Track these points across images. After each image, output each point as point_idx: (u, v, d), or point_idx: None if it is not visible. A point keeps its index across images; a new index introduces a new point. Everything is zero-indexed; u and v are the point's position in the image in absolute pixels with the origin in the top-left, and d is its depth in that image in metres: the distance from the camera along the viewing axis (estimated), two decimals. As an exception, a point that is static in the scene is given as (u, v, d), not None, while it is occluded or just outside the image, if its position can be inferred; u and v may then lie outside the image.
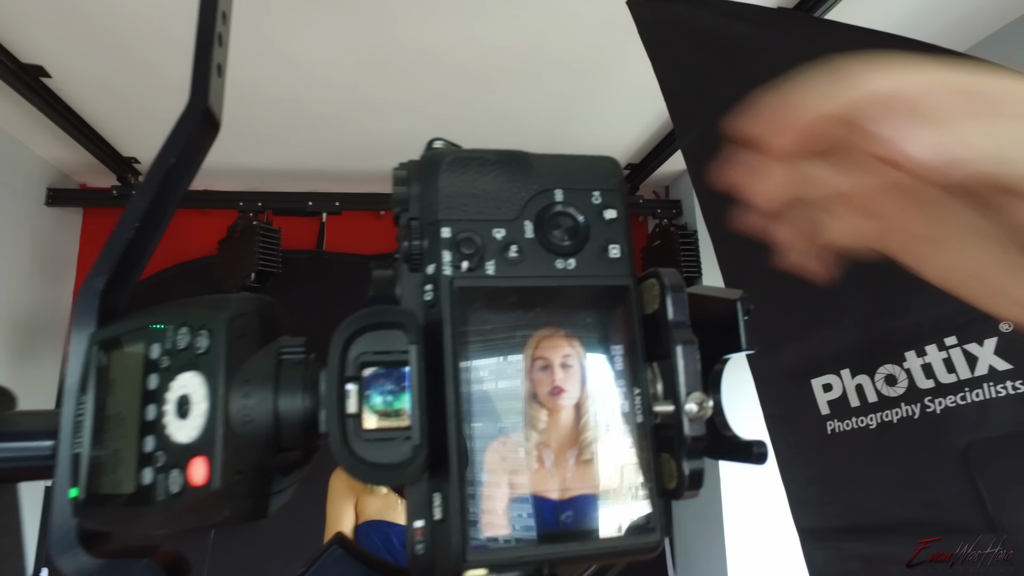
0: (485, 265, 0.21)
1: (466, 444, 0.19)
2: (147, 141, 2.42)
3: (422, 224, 0.21)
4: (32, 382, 2.49)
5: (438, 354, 0.20)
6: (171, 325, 0.22)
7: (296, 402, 0.21)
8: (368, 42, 1.80)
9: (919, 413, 0.80)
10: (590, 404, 0.21)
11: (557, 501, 0.20)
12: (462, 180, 0.22)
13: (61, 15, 1.64)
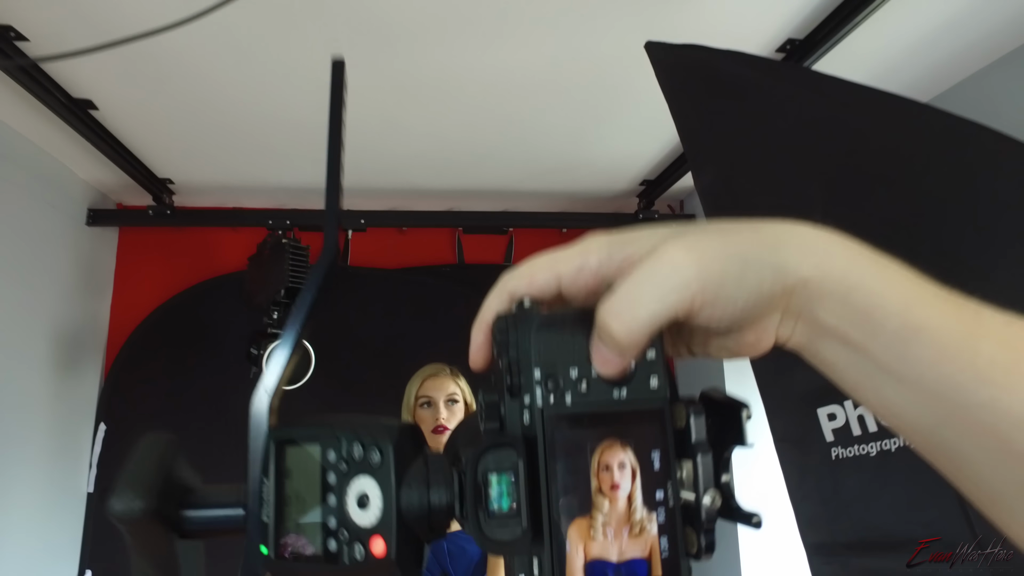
0: (565, 397, 0.29)
1: (557, 524, 0.28)
2: (181, 164, 2.53)
3: (520, 365, 0.30)
4: (74, 393, 2.61)
5: (535, 461, 0.29)
6: (345, 439, 0.31)
7: (442, 496, 0.29)
8: (395, 69, 1.89)
9: (915, 442, 0.88)
10: (638, 494, 0.29)
11: (616, 563, 0.28)
12: (548, 335, 0.30)
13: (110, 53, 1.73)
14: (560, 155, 2.52)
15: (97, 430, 2.69)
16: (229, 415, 2.73)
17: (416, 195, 2.85)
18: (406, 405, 2.03)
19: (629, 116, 2.19)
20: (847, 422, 0.98)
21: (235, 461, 1.58)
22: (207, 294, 2.88)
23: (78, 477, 2.63)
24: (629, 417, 0.30)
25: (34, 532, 2.35)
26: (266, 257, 2.62)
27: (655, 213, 2.95)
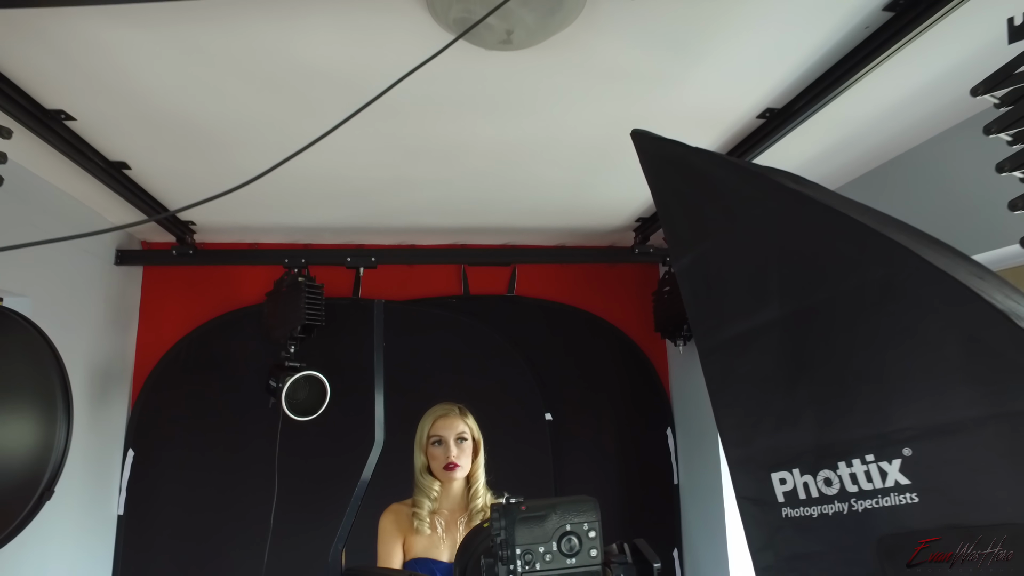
0: (535, 564, 0.46)
1: None
2: (204, 208, 2.69)
3: (508, 546, 0.46)
4: (104, 422, 2.79)
5: None
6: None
7: None
8: (405, 135, 2.05)
9: (847, 510, 1.05)
10: None
11: None
12: (527, 526, 0.47)
13: (143, 122, 1.91)
14: (559, 201, 2.68)
15: (126, 456, 2.87)
16: (248, 442, 2.91)
17: (424, 232, 3.02)
18: (419, 443, 2.20)
19: (623, 168, 2.34)
20: (795, 487, 1.14)
21: (253, 486, 1.88)
22: (227, 327, 3.06)
23: (109, 501, 2.81)
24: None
25: (70, 552, 2.52)
26: (283, 294, 2.80)
27: (650, 248, 3.12)
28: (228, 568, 2.83)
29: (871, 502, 1.02)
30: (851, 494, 1.05)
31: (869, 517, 1.02)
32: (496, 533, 0.46)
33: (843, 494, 1.06)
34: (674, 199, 1.44)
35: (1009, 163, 1.01)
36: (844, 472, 1.06)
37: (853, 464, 1.04)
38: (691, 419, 3.17)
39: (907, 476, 0.98)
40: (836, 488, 1.07)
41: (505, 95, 1.78)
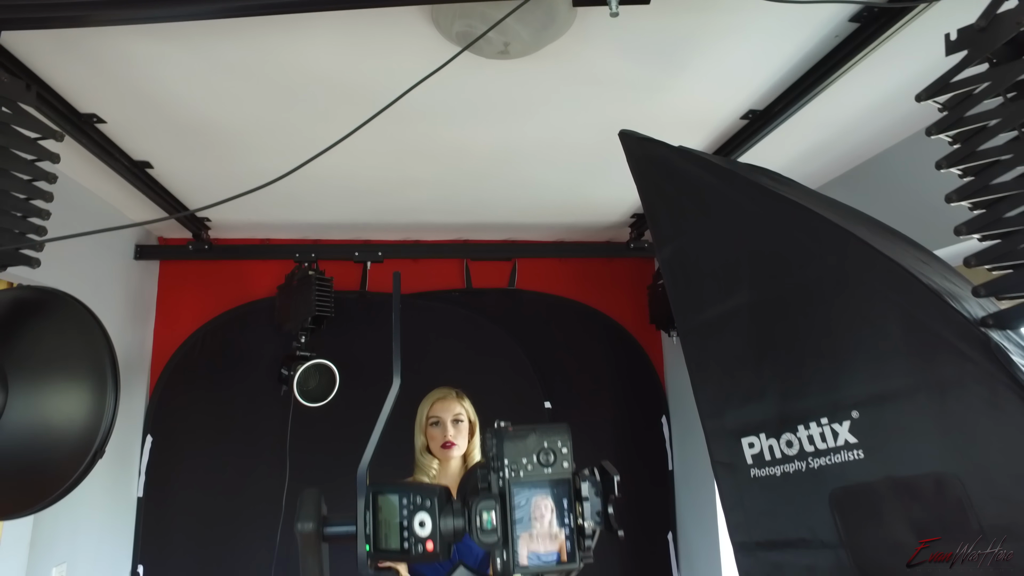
0: (519, 473, 0.60)
1: (514, 535, 0.58)
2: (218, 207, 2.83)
3: (498, 459, 0.60)
4: (124, 410, 2.92)
5: (504, 505, 0.58)
6: (412, 492, 0.61)
7: (460, 521, 0.60)
8: (411, 139, 2.18)
9: (805, 468, 1.19)
10: (554, 521, 0.59)
11: (541, 552, 0.59)
12: (513, 442, 0.61)
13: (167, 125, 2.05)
14: (558, 199, 2.82)
15: (144, 442, 3.02)
16: (260, 429, 3.06)
17: (428, 229, 3.16)
18: (418, 424, 2.34)
19: (617, 168, 2.47)
20: (761, 450, 1.28)
21: (265, 471, 2.08)
22: (240, 320, 3.20)
23: (129, 484, 2.95)
24: (552, 482, 0.61)
25: (96, 532, 2.67)
26: (294, 287, 2.94)
27: (645, 243, 3.25)
28: (242, 548, 2.97)
29: (825, 460, 1.16)
30: (808, 453, 1.19)
31: (823, 473, 1.16)
32: (488, 449, 0.60)
33: (801, 454, 1.20)
34: (657, 195, 1.57)
35: (946, 161, 1.15)
36: (803, 434, 1.20)
37: (810, 427, 1.18)
38: (685, 408, 3.30)
39: (855, 435, 1.12)
40: (796, 448, 1.21)
41: (503, 101, 1.92)
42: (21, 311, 1.23)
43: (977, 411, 1.00)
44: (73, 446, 1.19)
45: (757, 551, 1.28)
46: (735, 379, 1.36)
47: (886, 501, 1.08)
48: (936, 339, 1.05)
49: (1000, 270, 1.12)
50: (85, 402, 1.19)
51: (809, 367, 1.22)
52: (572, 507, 0.58)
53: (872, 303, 1.14)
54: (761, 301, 1.32)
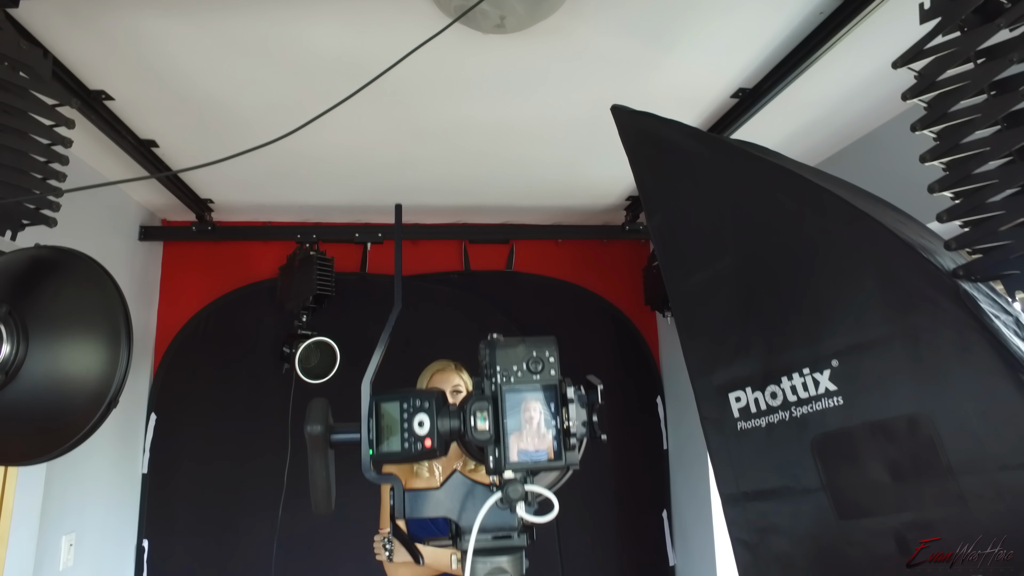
0: (510, 378, 0.65)
1: (505, 435, 0.63)
2: (222, 187, 2.90)
3: (491, 366, 0.66)
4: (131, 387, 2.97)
5: (496, 407, 0.64)
6: (412, 397, 0.67)
7: (455, 422, 0.65)
8: (410, 116, 2.24)
9: (788, 417, 1.25)
10: (542, 422, 0.65)
11: (531, 451, 0.64)
12: (504, 350, 0.66)
13: (172, 102, 2.10)
14: (554, 180, 2.88)
15: (149, 420, 3.07)
16: (263, 407, 3.11)
17: (427, 211, 3.21)
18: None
19: (613, 149, 2.52)
20: (747, 403, 1.34)
21: (267, 447, 2.17)
22: (242, 300, 3.25)
23: (135, 461, 3.01)
24: (541, 387, 0.66)
25: (103, 506, 2.72)
26: (296, 267, 3.00)
27: (640, 225, 3.31)
28: (245, 522, 3.03)
29: (807, 408, 1.22)
30: (791, 403, 1.24)
31: (805, 421, 1.22)
32: (482, 358, 0.65)
33: (785, 404, 1.26)
34: (647, 165, 1.63)
35: (920, 124, 1.20)
36: (786, 385, 1.25)
37: (793, 377, 1.24)
38: (680, 387, 3.36)
39: (835, 383, 1.18)
40: (780, 399, 1.27)
41: (500, 78, 1.97)
42: (39, 269, 1.29)
43: (947, 355, 1.05)
44: (89, 396, 1.25)
45: (745, 502, 1.33)
46: (722, 338, 1.42)
47: (863, 443, 1.14)
48: (910, 290, 1.11)
49: (978, 253, 1.16)
50: (100, 355, 1.25)
51: (792, 323, 1.28)
52: (559, 411, 0.63)
53: (850, 258, 1.19)
54: (746, 262, 1.37)
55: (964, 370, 1.04)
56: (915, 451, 1.06)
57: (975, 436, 1.01)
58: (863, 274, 1.18)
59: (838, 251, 1.21)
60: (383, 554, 2.10)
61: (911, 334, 1.09)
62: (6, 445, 1.28)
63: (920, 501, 1.05)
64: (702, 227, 1.48)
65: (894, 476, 1.09)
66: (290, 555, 2.97)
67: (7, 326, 1.18)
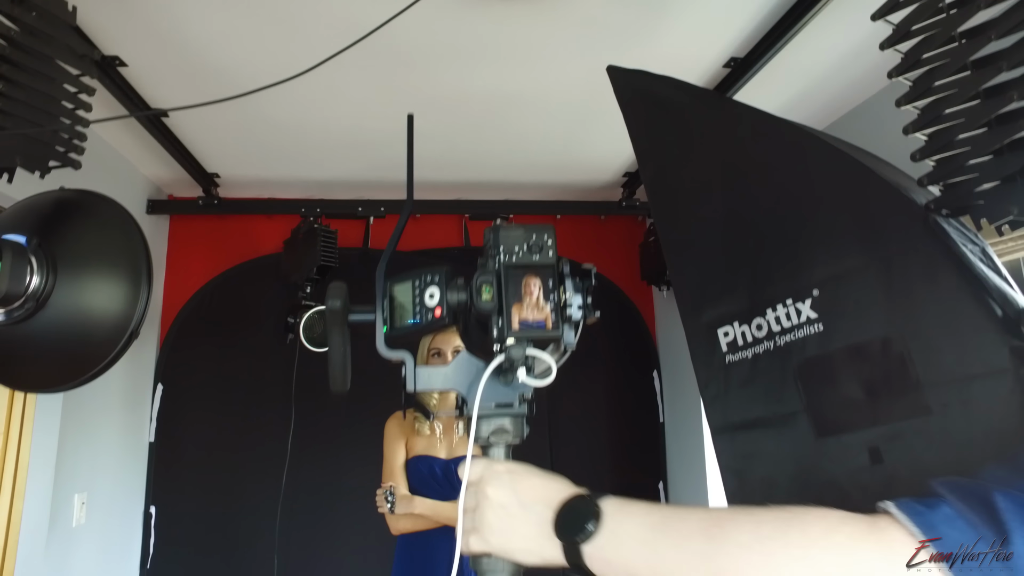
0: (512, 258, 0.73)
1: (508, 305, 0.71)
2: (228, 160, 2.97)
3: (495, 246, 0.73)
4: (138, 359, 3.06)
5: (500, 281, 0.71)
6: (423, 274, 0.75)
7: (463, 294, 0.73)
8: (413, 87, 2.31)
9: (772, 347, 1.32)
10: (540, 295, 0.72)
11: (531, 320, 0.71)
12: (507, 232, 0.74)
13: (183, 71, 2.17)
14: (553, 155, 2.95)
15: (156, 390, 3.15)
16: (266, 376, 3.19)
17: (428, 187, 3.29)
18: (420, 355, 2.46)
19: (609, 123, 2.61)
20: (735, 337, 1.42)
21: (271, 416, 2.28)
22: (246, 274, 3.33)
23: (142, 430, 3.08)
24: (539, 267, 0.74)
25: (112, 474, 2.80)
26: (300, 240, 3.07)
27: (636, 200, 3.39)
28: (250, 489, 3.11)
29: (790, 336, 1.29)
30: (775, 332, 1.32)
31: (789, 349, 1.30)
32: (487, 240, 0.73)
33: (769, 334, 1.33)
34: (642, 121, 1.71)
35: (896, 71, 1.28)
36: (770, 316, 1.33)
37: (777, 308, 1.32)
38: (675, 362, 3.44)
39: (815, 311, 1.25)
40: (765, 330, 1.34)
41: (499, 44, 2.05)
42: (65, 209, 1.36)
43: (917, 278, 1.13)
44: (111, 329, 1.32)
45: (733, 432, 1.41)
46: (711, 279, 1.50)
47: (841, 366, 1.22)
48: (885, 221, 1.19)
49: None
50: (122, 290, 1.32)
51: (776, 258, 1.35)
52: (555, 288, 0.71)
53: (829, 194, 1.27)
54: (732, 206, 1.45)
55: (932, 291, 1.11)
56: (888, 369, 1.14)
57: (940, 351, 1.08)
58: (841, 209, 1.25)
59: (818, 188, 1.29)
60: (385, 506, 2.17)
61: (884, 261, 1.17)
62: (32, 372, 1.35)
63: (891, 414, 1.13)
64: (692, 175, 1.56)
65: (868, 393, 1.17)
66: (294, 520, 3.05)
67: (37, 258, 1.26)
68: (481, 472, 0.73)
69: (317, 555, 3.09)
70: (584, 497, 0.67)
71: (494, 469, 0.73)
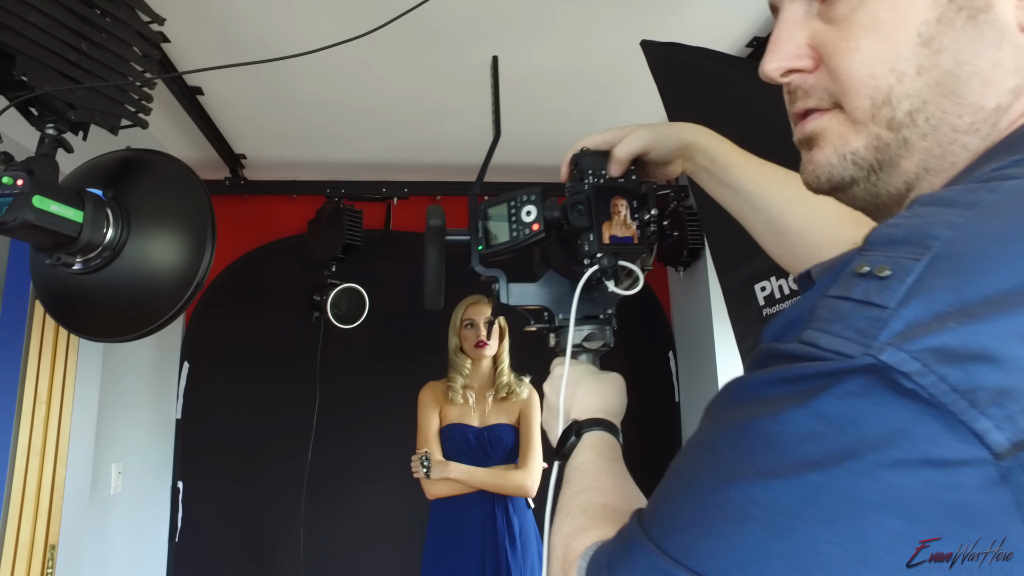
0: (599, 180, 0.79)
1: (598, 222, 0.77)
2: (255, 142, 3.03)
3: (585, 170, 0.80)
4: (165, 337, 3.12)
5: (590, 201, 0.78)
6: (516, 197, 0.81)
7: (556, 211, 0.79)
8: (441, 63, 2.37)
9: (810, 297, 1.39)
10: (627, 215, 0.79)
11: (620, 236, 0.78)
12: (596, 157, 0.80)
13: (222, 49, 2.23)
14: (575, 136, 3.00)
15: (182, 368, 3.21)
16: (290, 355, 3.25)
17: (449, 169, 3.35)
18: (453, 327, 2.53)
19: (633, 101, 2.68)
20: (771, 291, 1.48)
21: (296, 393, 2.38)
22: (270, 255, 3.39)
23: (169, 406, 3.14)
24: (624, 189, 0.80)
25: (142, 448, 2.86)
26: (325, 220, 3.13)
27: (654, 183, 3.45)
28: (275, 466, 3.17)
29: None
30: (812, 284, 1.38)
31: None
32: (576, 165, 0.79)
33: (806, 285, 1.39)
34: (677, 90, 1.78)
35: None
36: (807, 268, 1.39)
37: (813, 261, 1.38)
38: (690, 342, 3.50)
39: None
40: (801, 282, 1.40)
41: (527, 19, 2.10)
42: (132, 167, 1.42)
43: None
44: (177, 282, 1.38)
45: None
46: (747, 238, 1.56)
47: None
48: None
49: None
50: (188, 245, 1.38)
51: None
52: (640, 208, 0.77)
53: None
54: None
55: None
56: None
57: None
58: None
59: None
60: (421, 471, 2.23)
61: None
62: (100, 321, 1.41)
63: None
64: (727, 137, 1.62)
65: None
66: (319, 494, 3.11)
67: (113, 210, 1.32)
68: (554, 372, 0.86)
69: (342, 529, 3.16)
70: (578, 427, 0.78)
71: (554, 373, 0.86)
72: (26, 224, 1.12)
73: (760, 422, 0.36)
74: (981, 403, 0.30)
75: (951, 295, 0.32)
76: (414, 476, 2.29)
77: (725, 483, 0.36)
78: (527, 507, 2.36)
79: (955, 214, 0.35)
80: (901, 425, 0.31)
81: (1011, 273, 0.31)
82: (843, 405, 0.33)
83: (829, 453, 0.32)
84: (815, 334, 0.36)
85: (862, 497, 0.31)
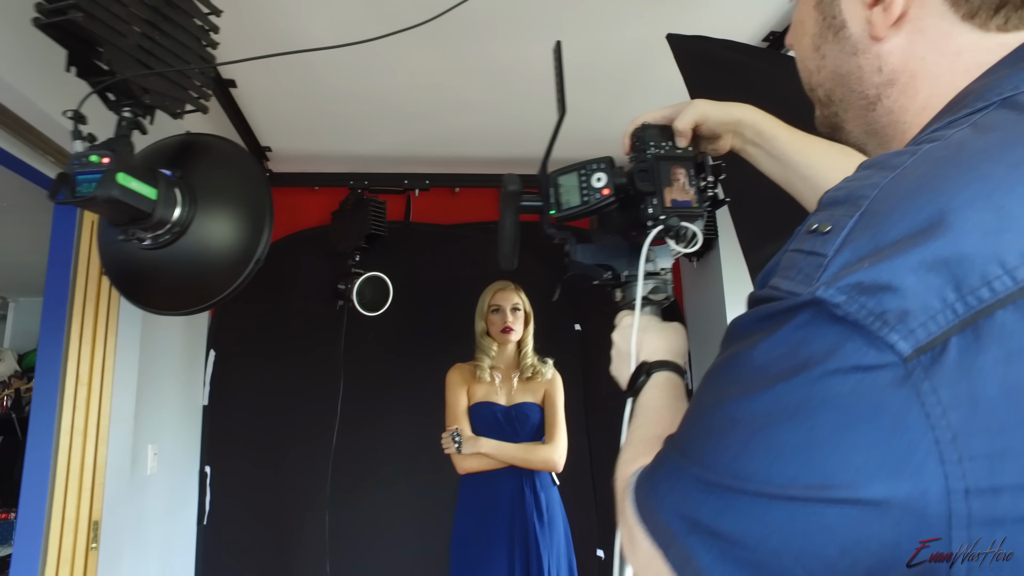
0: (661, 150, 0.88)
1: (660, 188, 0.86)
2: (280, 134, 3.11)
3: (644, 142, 0.88)
4: (192, 326, 3.20)
5: (654, 170, 0.86)
6: (585, 165, 0.89)
7: (622, 178, 0.88)
8: (463, 56, 2.44)
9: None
10: (687, 181, 0.87)
11: (680, 200, 0.86)
12: (654, 131, 0.89)
13: (255, 42, 2.31)
14: (591, 129, 3.09)
15: (208, 356, 3.29)
16: (314, 342, 3.34)
17: (471, 162, 3.43)
18: (480, 312, 2.62)
19: (651, 96, 2.76)
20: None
21: (320, 381, 2.50)
22: (293, 245, 3.47)
23: (196, 394, 3.22)
24: (684, 158, 0.89)
25: (171, 435, 2.94)
26: (349, 211, 3.22)
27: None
28: (300, 452, 3.25)
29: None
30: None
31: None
32: (638, 138, 0.88)
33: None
34: (699, 78, 1.86)
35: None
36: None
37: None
38: (703, 332, 3.58)
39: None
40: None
41: (552, 14, 2.18)
42: (193, 150, 1.51)
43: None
44: (237, 260, 1.47)
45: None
46: (772, 217, 1.65)
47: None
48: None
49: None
50: (248, 224, 1.46)
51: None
52: (697, 175, 0.86)
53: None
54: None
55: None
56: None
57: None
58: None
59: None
60: (452, 447, 2.32)
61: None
62: (163, 295, 1.50)
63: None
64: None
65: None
66: (344, 479, 3.19)
67: (181, 189, 1.40)
68: (621, 322, 0.95)
69: (366, 511, 3.24)
70: (648, 368, 0.86)
71: (624, 322, 0.95)
72: (111, 199, 1.20)
73: (744, 353, 0.47)
74: (891, 322, 0.39)
75: (870, 242, 0.41)
76: (445, 452, 2.37)
77: (722, 402, 0.47)
78: (552, 483, 2.45)
79: (882, 176, 0.45)
80: (837, 343, 0.40)
81: (911, 222, 0.40)
82: (798, 332, 0.43)
83: (789, 368, 0.42)
84: (778, 279, 0.47)
85: (814, 397, 0.41)
